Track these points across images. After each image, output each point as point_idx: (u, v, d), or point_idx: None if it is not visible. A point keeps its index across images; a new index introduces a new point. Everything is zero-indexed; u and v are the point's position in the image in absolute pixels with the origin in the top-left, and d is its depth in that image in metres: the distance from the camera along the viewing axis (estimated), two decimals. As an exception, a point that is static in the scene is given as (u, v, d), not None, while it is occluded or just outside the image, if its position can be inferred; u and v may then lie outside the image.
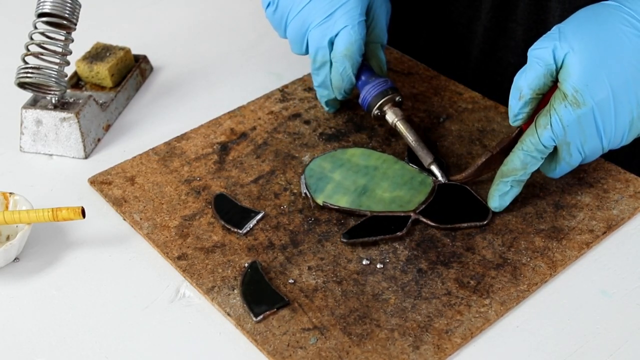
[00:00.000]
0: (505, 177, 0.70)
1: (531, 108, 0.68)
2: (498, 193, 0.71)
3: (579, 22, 0.67)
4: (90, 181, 0.78)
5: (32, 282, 0.69)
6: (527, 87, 0.67)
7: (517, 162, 0.69)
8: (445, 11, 0.92)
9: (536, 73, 0.66)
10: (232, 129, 0.83)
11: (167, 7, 1.08)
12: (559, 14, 0.83)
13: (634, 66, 0.65)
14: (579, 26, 0.66)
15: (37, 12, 0.77)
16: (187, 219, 0.73)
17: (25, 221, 0.69)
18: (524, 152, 0.68)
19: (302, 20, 0.79)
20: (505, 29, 0.87)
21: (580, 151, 0.68)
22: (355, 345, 0.61)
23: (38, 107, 0.81)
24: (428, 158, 0.75)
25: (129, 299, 0.67)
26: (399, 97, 0.79)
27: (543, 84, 0.67)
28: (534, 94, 0.67)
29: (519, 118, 0.69)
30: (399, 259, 0.68)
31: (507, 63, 0.89)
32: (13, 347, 0.63)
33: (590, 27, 0.66)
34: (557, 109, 0.66)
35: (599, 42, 0.65)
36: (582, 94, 0.64)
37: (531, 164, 0.69)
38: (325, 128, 0.83)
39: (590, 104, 0.65)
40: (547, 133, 0.67)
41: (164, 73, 0.95)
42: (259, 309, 0.64)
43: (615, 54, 0.65)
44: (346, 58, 0.78)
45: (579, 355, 0.61)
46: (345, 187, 0.74)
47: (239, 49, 0.98)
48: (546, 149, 0.68)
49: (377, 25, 0.81)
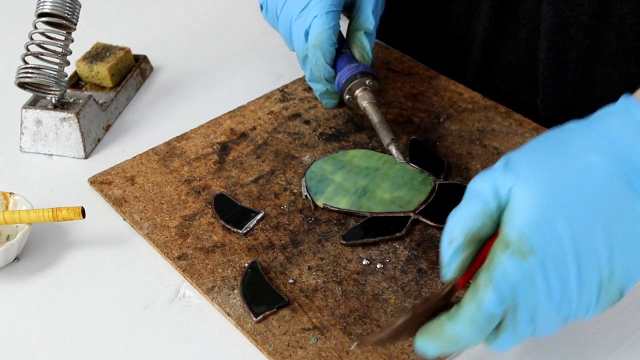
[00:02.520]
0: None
1: (465, 257, 0.51)
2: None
3: (531, 149, 0.51)
4: (90, 181, 0.78)
5: (32, 282, 0.69)
6: (460, 229, 0.51)
7: (451, 333, 0.50)
8: (444, 11, 0.92)
9: (471, 212, 0.50)
10: (232, 129, 0.83)
11: (167, 7, 1.08)
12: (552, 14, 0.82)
13: (602, 208, 0.48)
14: (530, 154, 0.51)
15: (37, 12, 0.77)
16: (187, 219, 0.73)
17: (25, 221, 0.69)
18: (462, 321, 0.50)
19: (286, 16, 0.80)
20: (506, 29, 0.87)
21: (529, 320, 0.50)
22: (355, 345, 0.61)
23: (38, 107, 0.81)
24: (387, 139, 0.75)
25: (129, 299, 0.67)
26: (370, 80, 0.79)
27: (480, 227, 0.50)
28: (468, 239, 0.51)
29: (450, 269, 0.52)
30: (399, 259, 0.68)
31: (507, 63, 0.89)
32: (13, 347, 0.63)
33: (544, 156, 0.50)
34: (499, 261, 0.49)
35: (555, 174, 0.49)
36: (530, 241, 0.48)
37: (470, 339, 0.50)
38: (325, 128, 0.83)
39: (541, 255, 0.48)
40: (489, 295, 0.49)
41: (164, 73, 0.95)
42: (259, 309, 0.64)
43: (578, 190, 0.49)
44: (316, 48, 0.78)
45: (579, 355, 0.61)
46: (345, 189, 0.74)
47: (239, 49, 0.98)
48: (492, 317, 0.49)
49: (362, 12, 0.81)
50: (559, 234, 0.48)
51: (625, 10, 0.78)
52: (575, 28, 0.80)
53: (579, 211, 0.48)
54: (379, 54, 0.93)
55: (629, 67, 0.80)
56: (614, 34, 0.79)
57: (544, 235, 0.48)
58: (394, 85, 0.89)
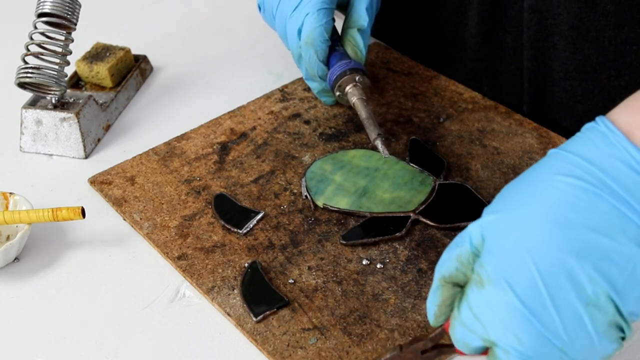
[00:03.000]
0: None
1: (442, 299, 0.52)
2: None
3: (508, 186, 0.51)
4: (90, 181, 0.78)
5: (32, 282, 0.69)
6: (436, 273, 0.52)
7: None
8: (434, 16, 0.91)
9: (448, 255, 0.51)
10: (232, 129, 0.83)
11: (167, 7, 1.08)
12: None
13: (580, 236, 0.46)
14: (505, 190, 0.51)
15: (37, 12, 0.77)
16: (187, 219, 0.73)
17: (25, 221, 0.69)
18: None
19: (281, 15, 0.80)
20: (492, 37, 0.86)
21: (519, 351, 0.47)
22: (355, 345, 0.61)
23: (38, 107, 0.81)
24: (373, 134, 0.75)
25: (129, 299, 0.67)
26: (360, 77, 0.79)
27: (452, 269, 0.51)
28: (443, 281, 0.51)
29: (430, 312, 0.53)
30: (399, 259, 0.68)
31: (494, 71, 0.88)
32: (13, 347, 0.63)
33: (515, 187, 0.50)
34: (466, 294, 0.50)
35: (522, 202, 0.48)
36: (485, 267, 0.48)
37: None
38: (325, 128, 0.83)
39: (496, 279, 0.48)
40: (457, 328, 0.51)
41: (164, 73, 0.95)
42: (259, 309, 0.64)
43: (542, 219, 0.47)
44: (308, 45, 0.78)
45: (579, 355, 0.60)
46: (345, 189, 0.74)
47: (239, 49, 0.98)
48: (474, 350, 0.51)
49: (355, 10, 0.81)
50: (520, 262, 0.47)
51: (603, 24, 0.75)
52: (558, 37, 0.79)
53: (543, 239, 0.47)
54: (379, 54, 0.93)
55: (609, 82, 0.78)
56: (592, 48, 0.77)
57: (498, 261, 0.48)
58: (394, 85, 0.89)
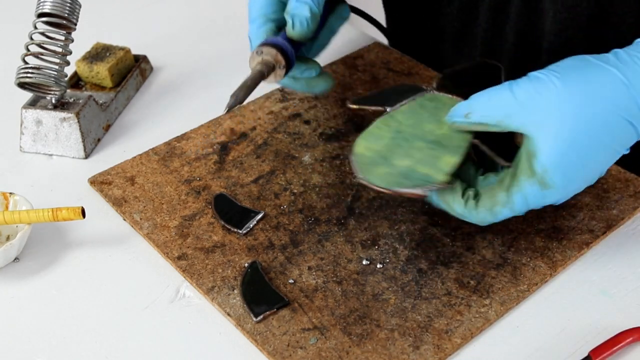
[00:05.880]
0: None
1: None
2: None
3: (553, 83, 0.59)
4: (90, 181, 0.78)
5: (32, 282, 0.69)
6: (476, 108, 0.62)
7: (457, 212, 0.63)
8: (438, 16, 0.91)
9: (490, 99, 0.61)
10: (232, 129, 0.83)
11: (167, 7, 1.08)
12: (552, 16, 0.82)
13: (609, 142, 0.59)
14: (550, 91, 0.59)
15: (37, 12, 0.77)
16: (187, 219, 0.73)
17: (25, 221, 0.69)
18: (471, 214, 0.62)
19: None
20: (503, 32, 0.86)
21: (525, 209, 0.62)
22: (355, 345, 0.61)
23: (38, 107, 0.81)
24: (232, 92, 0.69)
25: (129, 299, 0.67)
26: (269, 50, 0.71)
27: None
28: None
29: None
30: (399, 259, 0.68)
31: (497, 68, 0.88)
32: (13, 347, 0.63)
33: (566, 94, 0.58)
34: (522, 186, 0.60)
35: (575, 110, 0.58)
36: (552, 176, 0.59)
37: (473, 218, 0.63)
38: (325, 128, 0.83)
39: (559, 187, 0.59)
40: (505, 212, 0.61)
41: (164, 73, 0.95)
42: (259, 309, 0.64)
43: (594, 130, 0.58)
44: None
45: (579, 355, 0.61)
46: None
47: (239, 49, 0.98)
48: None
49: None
50: (573, 170, 0.58)
51: (625, 10, 0.78)
52: (573, 30, 0.80)
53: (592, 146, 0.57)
54: (379, 54, 0.93)
55: None
56: (612, 35, 0.79)
57: (565, 174, 0.58)
58: (394, 85, 0.89)
